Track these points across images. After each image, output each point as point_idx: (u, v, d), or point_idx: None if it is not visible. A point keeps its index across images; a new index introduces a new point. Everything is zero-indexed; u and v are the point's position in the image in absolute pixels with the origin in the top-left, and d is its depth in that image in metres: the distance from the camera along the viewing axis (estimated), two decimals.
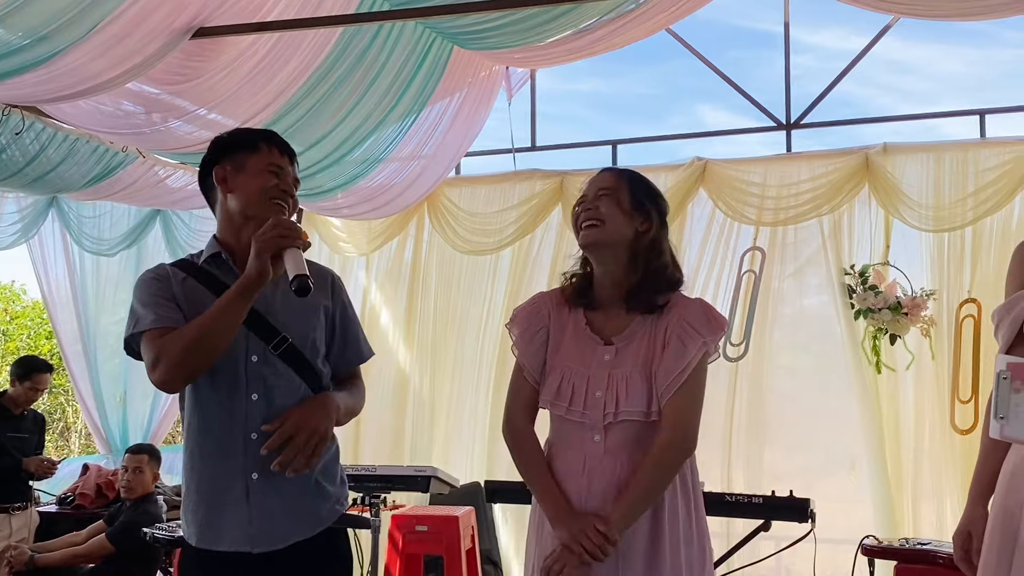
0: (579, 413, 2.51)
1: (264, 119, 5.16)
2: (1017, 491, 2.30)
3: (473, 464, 6.47)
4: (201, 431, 2.44)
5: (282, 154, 2.53)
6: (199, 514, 2.42)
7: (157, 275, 2.48)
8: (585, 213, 2.58)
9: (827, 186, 5.89)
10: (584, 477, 2.49)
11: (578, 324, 2.60)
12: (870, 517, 5.57)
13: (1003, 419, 2.27)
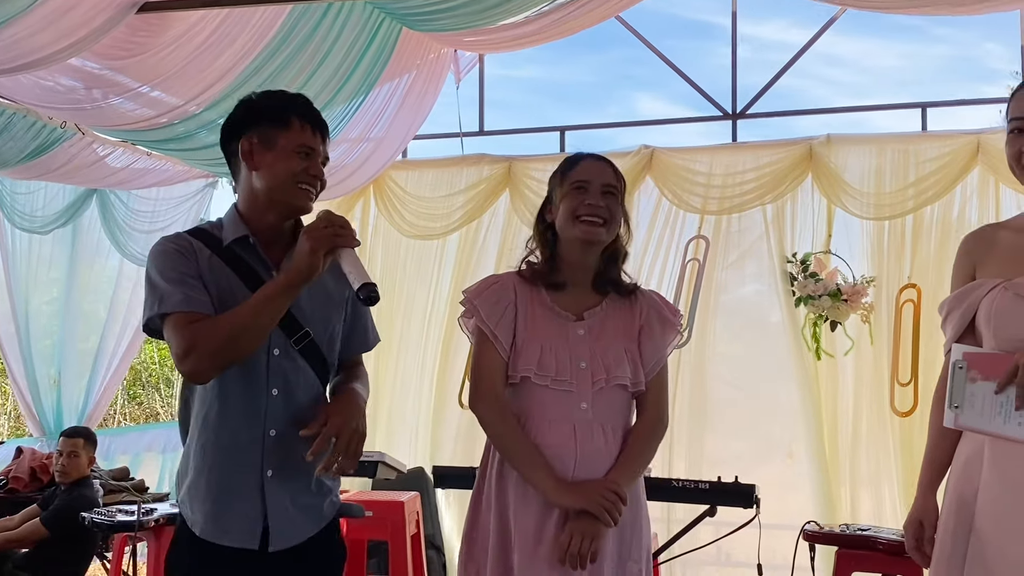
0: (566, 383, 2.54)
1: (209, 98, 5.08)
2: (971, 479, 2.34)
3: (416, 449, 6.45)
4: (218, 424, 2.35)
5: (315, 132, 2.39)
6: (207, 506, 2.34)
7: (181, 248, 2.33)
8: (595, 208, 2.57)
9: (771, 176, 5.96)
10: (575, 447, 2.51)
11: (544, 302, 2.63)
12: (808, 503, 5.65)
13: (958, 408, 2.31)
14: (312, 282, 2.25)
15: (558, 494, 2.46)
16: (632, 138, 7.63)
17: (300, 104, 2.41)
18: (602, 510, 2.41)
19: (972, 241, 2.59)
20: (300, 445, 2.32)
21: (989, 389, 2.25)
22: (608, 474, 2.49)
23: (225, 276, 2.32)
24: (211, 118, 5.44)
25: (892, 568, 4.34)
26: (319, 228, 2.23)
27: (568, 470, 2.49)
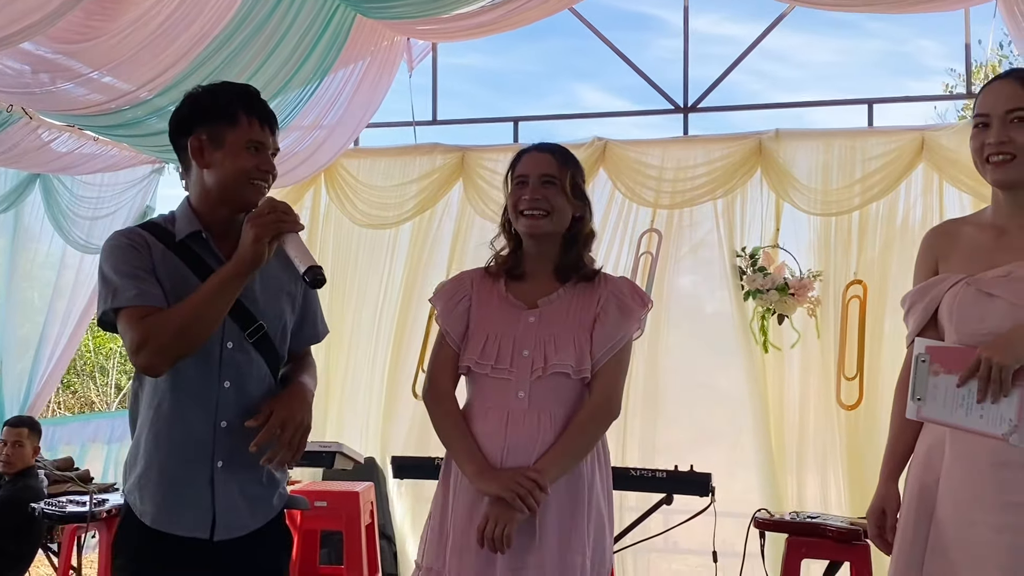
0: (505, 371, 2.57)
1: (161, 84, 5.00)
2: (933, 468, 2.41)
3: (367, 439, 6.43)
4: (170, 415, 2.36)
5: (263, 126, 2.40)
6: (158, 496, 2.36)
7: (134, 242, 2.35)
8: (532, 202, 2.61)
9: (722, 170, 6.03)
10: (505, 434, 2.54)
11: (500, 293, 2.68)
12: (755, 491, 5.75)
13: (920, 400, 2.37)
14: (259, 270, 2.27)
15: (478, 480, 2.50)
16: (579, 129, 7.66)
17: (246, 98, 2.41)
18: (514, 496, 2.43)
19: (935, 236, 2.63)
20: (251, 437, 2.35)
21: (951, 382, 2.32)
22: (536, 461, 2.50)
23: (178, 270, 2.34)
24: (162, 104, 5.35)
25: (841, 555, 4.45)
26: (262, 215, 2.25)
27: (497, 458, 2.53)
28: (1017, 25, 5.44)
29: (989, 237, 2.47)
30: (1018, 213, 2.44)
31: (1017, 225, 2.43)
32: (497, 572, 2.49)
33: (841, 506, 5.61)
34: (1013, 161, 2.36)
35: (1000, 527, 2.26)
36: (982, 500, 2.29)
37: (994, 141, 2.38)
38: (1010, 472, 2.27)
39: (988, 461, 2.30)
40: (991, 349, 2.27)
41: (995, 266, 2.38)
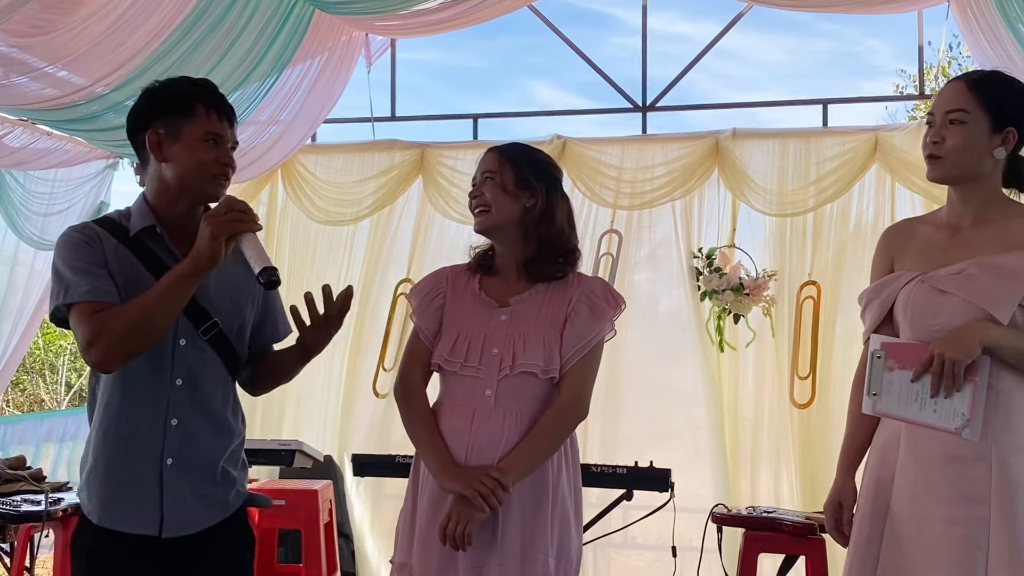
0: (474, 368, 2.59)
1: (118, 78, 4.95)
2: (888, 463, 2.45)
3: (325, 437, 6.39)
4: (118, 412, 2.37)
5: (221, 118, 2.39)
6: (104, 493, 2.37)
7: (87, 237, 2.34)
8: (474, 200, 2.68)
9: (680, 170, 6.07)
10: (470, 431, 2.56)
11: (474, 290, 2.70)
12: (712, 487, 5.82)
13: (876, 395, 2.41)
14: (214, 269, 2.26)
15: (442, 477, 2.52)
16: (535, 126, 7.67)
17: (204, 91, 2.40)
18: (476, 495, 2.44)
19: (892, 234, 2.67)
20: (204, 435, 2.40)
21: (905, 378, 2.36)
22: (500, 461, 2.52)
23: (131, 266, 2.33)
24: (118, 99, 5.28)
25: (797, 549, 4.51)
26: (220, 214, 2.23)
27: (462, 455, 2.54)
28: (970, 26, 5.54)
29: (944, 235, 2.51)
30: (970, 211, 2.48)
31: (970, 223, 2.47)
32: (459, 569, 2.51)
33: (794, 501, 5.68)
34: (941, 161, 2.43)
35: (952, 520, 2.31)
36: (935, 494, 2.34)
37: (929, 140, 2.45)
38: (962, 466, 2.32)
39: (941, 455, 2.35)
40: (943, 344, 2.31)
41: (949, 264, 2.42)
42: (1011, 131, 2.43)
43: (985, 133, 2.41)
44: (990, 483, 2.29)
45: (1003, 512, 2.27)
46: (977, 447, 2.31)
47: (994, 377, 2.33)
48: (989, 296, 2.34)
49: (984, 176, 2.45)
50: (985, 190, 2.47)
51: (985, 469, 2.30)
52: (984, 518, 2.28)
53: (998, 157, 2.43)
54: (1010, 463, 2.30)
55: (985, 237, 2.43)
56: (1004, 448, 2.31)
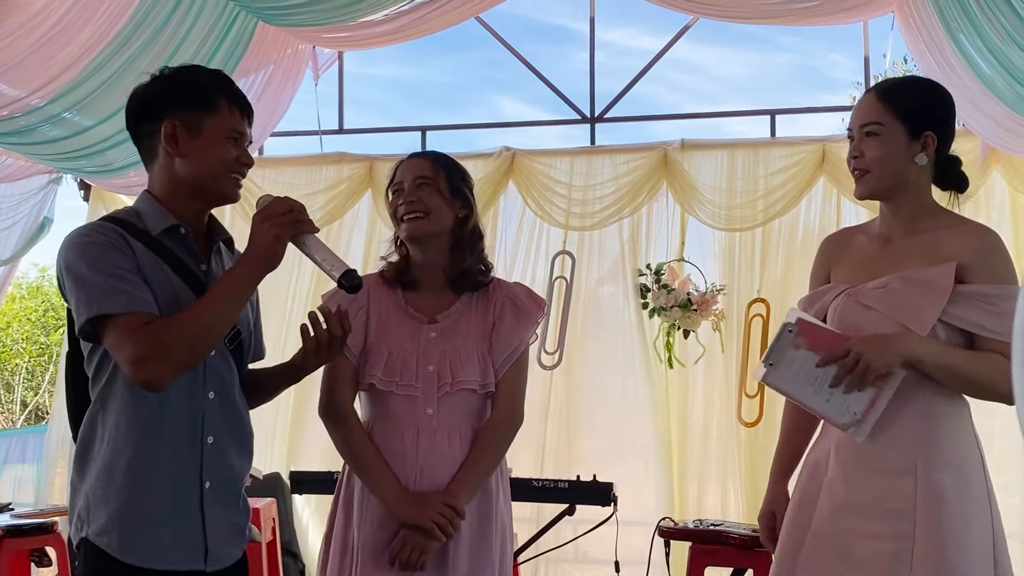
0: (411, 387, 2.50)
1: (54, 90, 4.88)
2: (816, 480, 2.42)
3: (273, 455, 6.30)
4: (156, 433, 2.12)
5: (242, 115, 2.21)
6: (146, 530, 2.11)
7: (111, 240, 2.10)
8: (408, 205, 2.56)
9: (629, 185, 6.05)
10: (418, 454, 2.48)
11: (399, 304, 2.61)
12: (658, 500, 5.81)
13: (772, 366, 2.33)
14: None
15: (397, 507, 2.45)
16: (494, 139, 7.65)
17: (226, 84, 2.23)
18: (434, 526, 2.40)
19: (830, 244, 2.65)
20: (233, 454, 2.21)
21: (810, 360, 2.28)
22: (449, 485, 2.47)
23: (159, 271, 2.13)
24: (55, 111, 5.22)
25: (744, 562, 4.46)
26: (280, 214, 2.09)
27: (410, 477, 2.48)
28: (914, 37, 5.57)
29: (876, 246, 2.48)
30: (900, 223, 2.45)
31: (900, 235, 2.44)
32: None
33: (740, 515, 5.67)
34: (866, 175, 2.39)
35: (878, 535, 2.27)
36: (862, 508, 2.30)
37: (850, 156, 2.42)
38: (888, 481, 2.28)
39: (868, 469, 2.31)
40: (867, 344, 2.27)
41: (878, 276, 2.39)
42: (929, 135, 2.38)
43: (903, 142, 2.37)
44: (915, 498, 2.25)
45: (928, 527, 2.23)
46: (904, 462, 2.28)
47: (921, 391, 2.29)
48: (909, 311, 2.30)
49: (910, 185, 2.41)
50: (913, 200, 2.43)
51: (911, 484, 2.26)
52: (909, 533, 2.24)
53: (920, 164, 2.39)
54: (935, 479, 2.26)
55: (913, 249, 2.39)
56: (930, 464, 2.27)
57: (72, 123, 5.46)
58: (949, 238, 2.36)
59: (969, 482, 2.28)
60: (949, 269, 2.30)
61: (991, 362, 2.25)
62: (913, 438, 2.29)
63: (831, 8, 5.48)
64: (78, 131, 5.49)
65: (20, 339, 15.33)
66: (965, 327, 2.30)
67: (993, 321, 2.28)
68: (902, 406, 2.29)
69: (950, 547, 2.22)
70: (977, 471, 2.32)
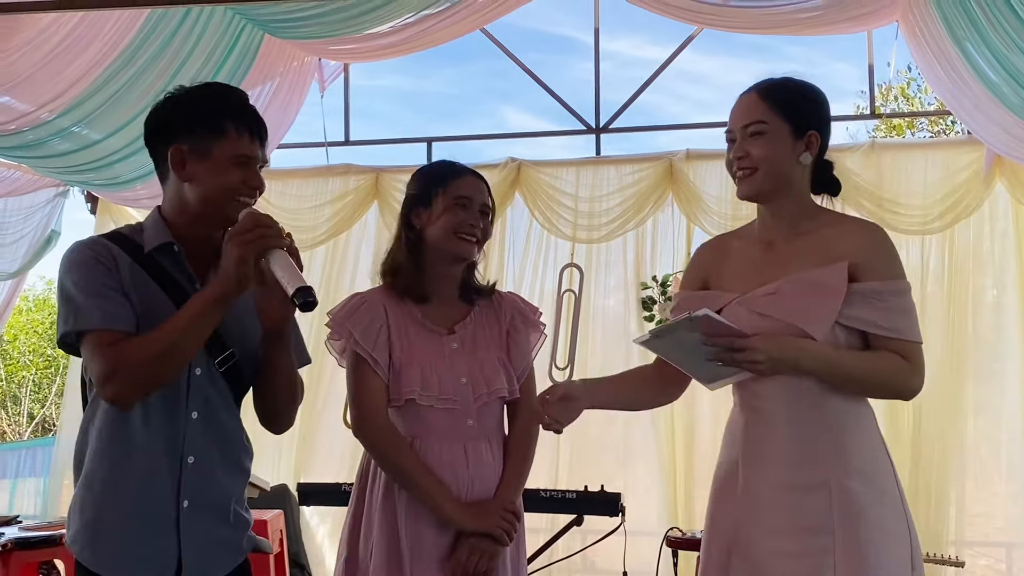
0: (450, 400, 2.51)
1: (63, 104, 4.90)
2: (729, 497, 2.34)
3: (280, 466, 6.31)
4: (131, 450, 2.11)
5: (252, 139, 2.16)
6: (114, 543, 2.12)
7: (100, 256, 2.10)
8: (475, 229, 2.56)
9: (635, 196, 6.07)
10: (468, 465, 2.51)
11: (416, 318, 2.59)
12: (663, 512, 5.82)
13: (658, 338, 2.22)
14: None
15: (459, 517, 2.46)
16: (498, 150, 7.66)
17: (235, 107, 2.18)
18: (502, 532, 2.46)
19: (706, 252, 2.56)
20: (219, 472, 2.18)
21: (698, 340, 2.18)
22: (498, 491, 2.51)
23: (146, 287, 2.11)
24: (64, 125, 5.24)
25: None
26: (245, 231, 2.00)
27: (463, 489, 2.49)
28: (919, 46, 5.58)
29: (758, 252, 2.40)
30: (783, 226, 2.38)
31: (784, 238, 2.37)
32: None
33: None
34: (754, 175, 2.31)
35: (798, 554, 2.21)
36: (778, 529, 2.23)
37: (733, 156, 2.35)
38: (801, 497, 2.22)
39: (780, 487, 2.25)
40: (767, 344, 2.18)
41: (766, 282, 2.31)
42: (813, 134, 2.33)
43: (788, 140, 2.31)
44: (831, 511, 2.20)
45: (847, 538, 2.18)
46: (814, 475, 2.22)
47: (826, 401, 2.23)
48: (804, 315, 2.23)
49: (794, 186, 2.35)
50: (795, 201, 2.36)
51: (825, 497, 2.20)
52: (829, 547, 2.18)
53: (805, 163, 2.33)
54: (848, 487, 2.20)
55: (799, 252, 2.32)
56: (841, 472, 2.21)
57: (81, 136, 5.49)
58: (835, 237, 2.30)
59: (883, 491, 2.25)
60: (841, 269, 2.25)
61: (885, 361, 2.23)
62: (823, 451, 2.23)
63: (834, 18, 5.49)
64: (87, 144, 5.51)
65: (27, 351, 15.36)
66: (861, 327, 2.24)
67: (886, 318, 2.23)
68: (808, 420, 2.24)
69: (870, 559, 2.17)
70: (888, 476, 2.28)
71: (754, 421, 2.31)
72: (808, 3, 5.50)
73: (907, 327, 2.26)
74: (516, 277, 6.29)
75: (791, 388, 2.24)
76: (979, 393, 5.80)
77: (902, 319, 2.26)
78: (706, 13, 5.72)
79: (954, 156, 5.90)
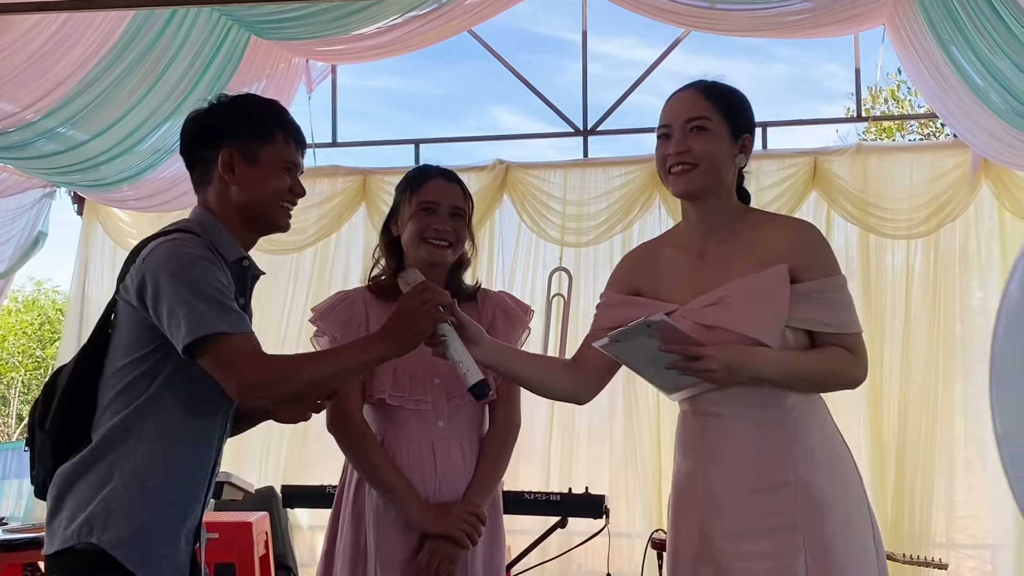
0: (421, 401, 2.52)
1: (48, 105, 4.89)
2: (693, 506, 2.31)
3: (267, 469, 6.29)
4: (191, 455, 2.15)
5: (298, 147, 2.26)
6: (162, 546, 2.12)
7: (211, 259, 2.10)
8: (442, 233, 2.55)
9: (622, 200, 6.06)
10: (436, 465, 2.51)
11: None
12: (650, 514, 5.80)
13: (617, 343, 2.17)
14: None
15: (421, 518, 2.46)
16: (491, 151, 7.66)
17: (283, 115, 2.27)
18: (463, 535, 2.45)
19: (633, 261, 2.52)
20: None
21: (655, 346, 2.15)
22: (467, 493, 2.51)
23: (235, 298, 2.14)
24: (49, 126, 5.23)
25: None
26: (432, 304, 2.18)
27: (429, 490, 2.50)
28: (905, 49, 5.59)
29: (692, 259, 2.36)
30: (712, 229, 2.35)
31: (716, 242, 2.34)
32: None
33: None
34: (694, 170, 2.28)
35: (766, 554, 2.20)
36: (745, 531, 2.22)
37: (674, 151, 2.30)
38: (766, 498, 2.22)
39: (743, 488, 2.24)
40: (723, 353, 2.16)
41: (704, 291, 2.28)
42: (747, 137, 2.34)
43: (727, 140, 2.31)
44: (796, 508, 2.20)
45: (814, 533, 2.19)
46: (777, 475, 2.22)
47: (781, 401, 2.24)
48: (753, 323, 2.21)
49: (726, 187, 2.33)
50: (725, 202, 2.34)
51: (790, 495, 2.21)
52: (798, 545, 2.19)
53: (740, 165, 2.33)
54: (812, 482, 2.21)
55: (733, 256, 2.30)
56: (803, 468, 2.22)
57: (67, 138, 5.47)
58: (768, 238, 2.29)
59: (845, 483, 2.26)
60: (782, 271, 2.24)
61: (835, 357, 2.25)
62: (784, 450, 2.23)
63: (821, 21, 5.50)
64: (73, 146, 5.50)
65: (16, 352, 15.33)
66: (808, 327, 2.25)
67: (830, 315, 2.24)
68: (767, 421, 2.24)
69: (837, 551, 2.19)
70: (848, 466, 2.29)
71: (711, 426, 2.28)
72: (795, 6, 5.51)
73: (850, 321, 2.28)
74: (506, 281, 6.29)
75: (748, 392, 2.23)
76: (965, 395, 5.81)
77: (844, 314, 2.28)
78: (692, 16, 5.72)
79: (940, 159, 5.91)
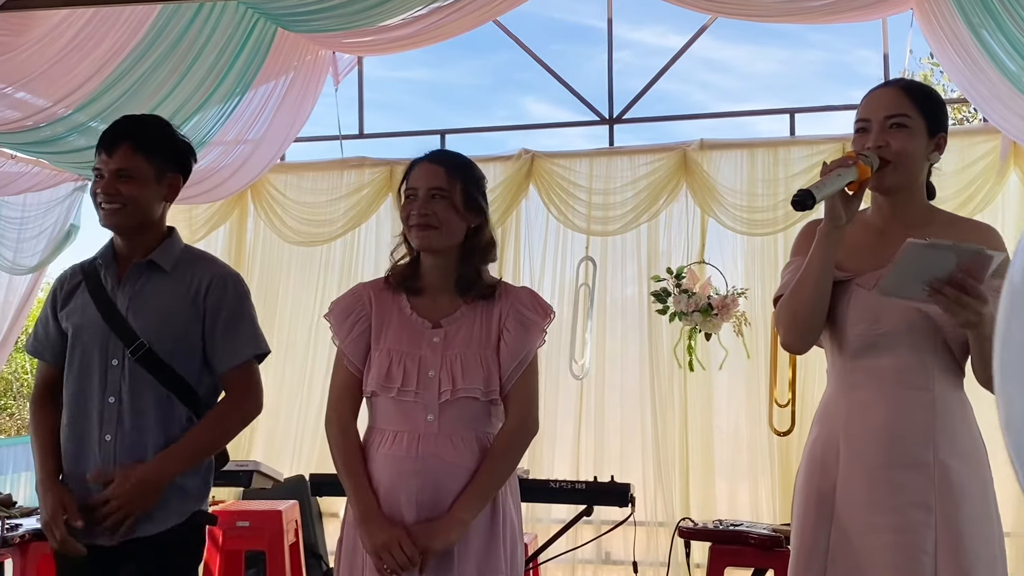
0: (412, 393, 2.49)
1: (78, 99, 4.94)
2: (828, 474, 2.40)
3: (299, 457, 6.34)
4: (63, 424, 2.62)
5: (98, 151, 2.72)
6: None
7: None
8: (420, 216, 2.52)
9: (649, 188, 6.04)
10: (417, 458, 2.46)
11: (403, 309, 2.58)
12: (678, 503, 5.83)
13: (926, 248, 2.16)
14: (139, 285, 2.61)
15: (361, 525, 2.45)
16: (518, 141, 7.65)
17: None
18: (381, 564, 2.41)
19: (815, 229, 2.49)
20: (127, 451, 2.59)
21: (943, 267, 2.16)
22: (455, 504, 2.45)
23: None
24: (81, 120, 5.28)
25: (764, 562, 4.45)
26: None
27: (411, 486, 2.46)
28: (935, 33, 5.52)
29: (872, 236, 2.45)
30: (899, 217, 2.43)
31: (898, 227, 2.41)
32: None
33: (772, 513, 5.63)
34: (887, 167, 2.34)
35: (898, 529, 2.28)
36: (880, 504, 2.30)
37: (872, 145, 2.36)
38: (905, 474, 2.29)
39: (883, 464, 2.31)
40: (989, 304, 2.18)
41: (881, 266, 2.33)
42: (942, 136, 2.39)
43: (924, 138, 2.36)
44: (934, 489, 2.27)
45: (947, 516, 2.26)
46: (917, 454, 2.29)
47: (933, 384, 2.30)
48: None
49: (917, 184, 2.40)
50: (917, 199, 2.42)
51: (927, 475, 2.28)
52: (930, 523, 2.26)
53: (933, 163, 2.40)
54: (951, 467, 2.28)
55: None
56: (945, 453, 2.29)
57: (97, 132, 5.46)
58: (955, 237, 2.32)
59: (983, 477, 2.32)
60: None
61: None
62: (925, 431, 2.30)
63: (848, 5, 5.44)
64: None
65: None
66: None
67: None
68: (915, 401, 2.30)
69: (971, 535, 2.26)
70: (986, 464, 2.35)
71: (859, 400, 2.36)
72: None
73: None
74: (535, 271, 6.29)
75: (899, 369, 2.31)
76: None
77: None
78: (719, 2, 5.69)
79: (970, 146, 5.83)
